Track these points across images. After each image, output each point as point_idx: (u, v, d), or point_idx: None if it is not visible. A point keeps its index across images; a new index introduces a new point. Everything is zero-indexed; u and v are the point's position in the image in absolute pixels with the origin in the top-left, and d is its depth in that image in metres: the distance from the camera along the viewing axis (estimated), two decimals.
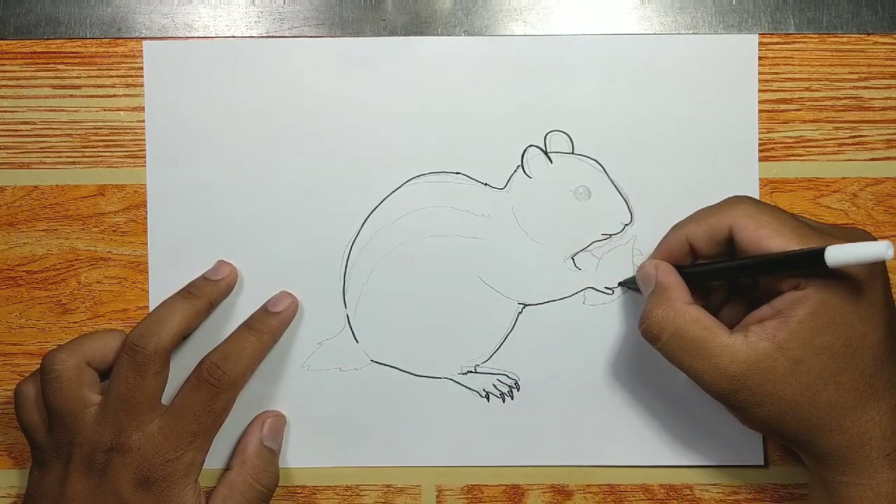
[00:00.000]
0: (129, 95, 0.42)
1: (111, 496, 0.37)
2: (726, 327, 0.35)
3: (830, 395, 0.34)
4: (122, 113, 0.42)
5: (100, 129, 0.42)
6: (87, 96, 0.42)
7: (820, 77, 0.42)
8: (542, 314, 0.42)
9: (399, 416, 0.42)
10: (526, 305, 0.42)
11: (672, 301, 0.36)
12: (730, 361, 0.34)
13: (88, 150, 0.42)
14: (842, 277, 0.33)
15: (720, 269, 0.37)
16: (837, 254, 0.31)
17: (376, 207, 0.42)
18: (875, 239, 0.36)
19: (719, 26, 0.42)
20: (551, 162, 0.42)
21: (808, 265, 0.33)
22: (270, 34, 0.42)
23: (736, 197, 0.37)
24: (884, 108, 0.42)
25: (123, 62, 0.42)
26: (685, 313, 0.35)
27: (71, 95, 0.42)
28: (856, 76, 0.42)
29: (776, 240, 0.34)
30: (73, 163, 0.42)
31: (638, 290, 0.40)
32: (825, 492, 0.36)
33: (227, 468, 0.41)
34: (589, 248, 0.42)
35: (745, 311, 0.36)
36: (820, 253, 0.31)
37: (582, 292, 0.42)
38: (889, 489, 0.34)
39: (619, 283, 0.42)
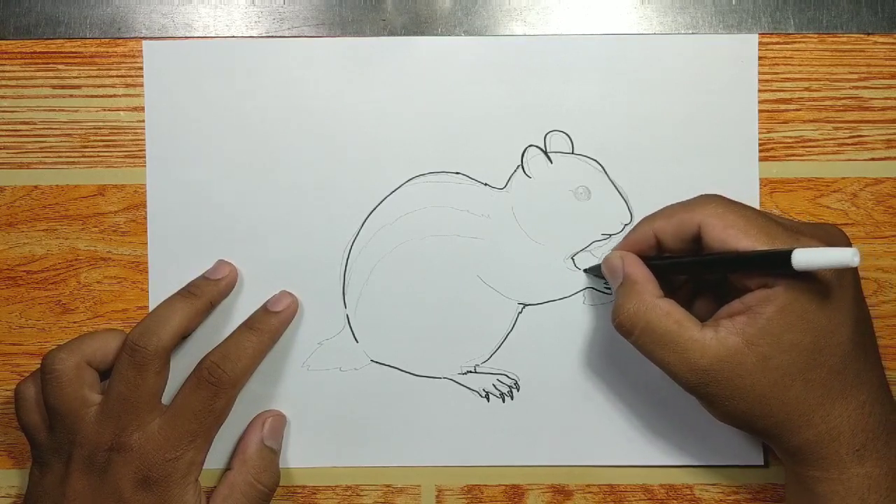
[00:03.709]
0: (129, 95, 0.42)
1: (112, 496, 0.37)
2: (697, 321, 0.35)
3: (799, 391, 0.34)
4: (122, 113, 0.42)
5: (100, 129, 0.42)
6: (87, 96, 0.42)
7: (820, 77, 0.42)
8: (542, 314, 0.42)
9: (399, 416, 0.42)
10: (526, 305, 0.42)
11: (642, 295, 0.36)
12: (700, 355, 0.34)
13: (88, 150, 0.42)
14: (811, 276, 0.33)
15: (687, 264, 0.37)
16: (804, 257, 0.31)
17: (376, 207, 0.42)
18: (847, 239, 0.37)
19: (719, 26, 0.42)
20: (551, 162, 0.42)
21: (775, 266, 0.33)
22: (270, 34, 0.42)
23: (706, 195, 0.37)
24: (884, 108, 0.42)
25: (123, 62, 0.42)
26: (656, 307, 0.36)
27: (71, 95, 0.42)
28: (856, 76, 0.42)
29: (743, 240, 0.34)
30: (73, 163, 0.42)
31: (601, 276, 0.40)
32: (799, 487, 0.36)
33: (228, 468, 0.41)
34: (589, 248, 0.42)
35: (716, 305, 0.37)
36: (787, 255, 0.31)
37: (582, 292, 0.42)
38: (858, 483, 0.34)
39: (585, 270, 0.42)
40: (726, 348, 0.34)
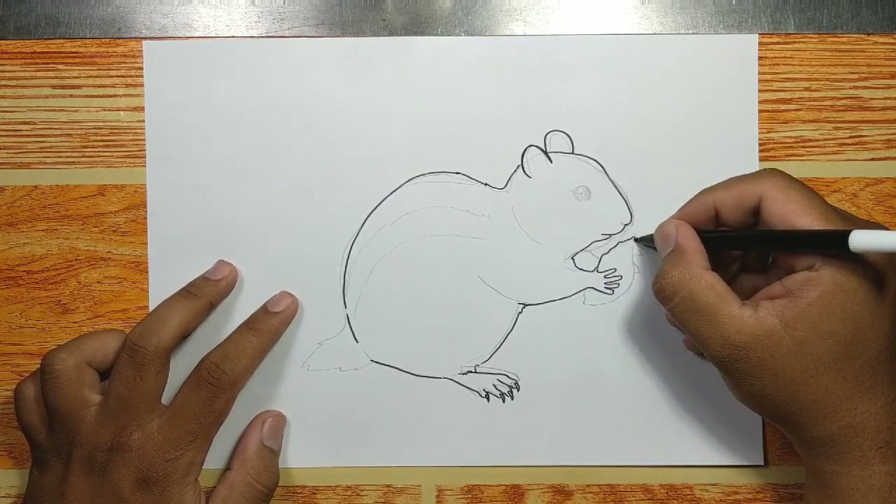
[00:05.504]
0: (129, 95, 0.42)
1: (111, 496, 0.37)
2: (738, 298, 0.35)
3: (829, 381, 0.34)
4: (122, 113, 0.42)
5: (100, 129, 0.42)
6: (87, 96, 0.42)
7: (820, 77, 0.42)
8: (542, 314, 0.42)
9: (399, 416, 0.42)
10: (526, 305, 0.42)
11: (689, 264, 0.36)
12: (736, 331, 0.34)
13: (88, 150, 0.42)
14: (858, 266, 0.33)
15: (741, 238, 0.37)
16: (862, 239, 0.31)
17: (376, 207, 0.42)
18: None
19: (719, 26, 0.42)
20: (551, 162, 0.42)
21: (831, 246, 0.33)
22: (270, 34, 0.42)
23: (771, 168, 0.37)
24: (884, 108, 0.42)
25: (123, 62, 0.42)
26: (701, 278, 0.35)
27: (71, 95, 0.42)
28: (856, 76, 0.42)
29: (803, 217, 0.34)
30: (73, 163, 0.42)
31: (652, 247, 0.40)
32: (818, 483, 0.36)
33: (228, 468, 0.41)
34: (589, 248, 0.42)
35: (760, 284, 0.37)
36: (845, 235, 0.31)
37: (582, 292, 0.42)
38: (880, 481, 0.34)
39: (635, 240, 0.41)
40: (763, 328, 0.34)
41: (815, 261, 0.34)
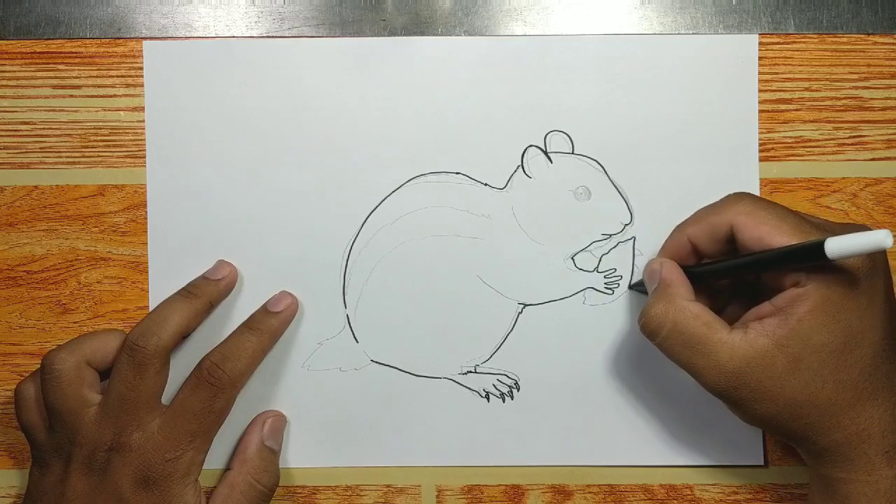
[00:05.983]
0: (129, 95, 0.42)
1: (111, 496, 0.37)
2: (727, 324, 0.35)
3: (829, 393, 0.34)
4: (122, 113, 0.42)
5: (100, 129, 0.42)
6: (87, 96, 0.42)
7: (820, 77, 0.42)
8: (542, 314, 0.42)
9: (399, 416, 0.42)
10: (526, 305, 0.42)
11: (673, 297, 0.36)
12: (728, 358, 0.34)
13: (88, 150, 0.42)
14: (842, 274, 0.33)
15: (723, 268, 0.37)
16: (837, 245, 0.31)
17: (376, 207, 0.42)
18: None
19: (719, 26, 0.42)
20: (551, 162, 0.42)
21: (808, 258, 0.32)
22: (270, 34, 0.42)
23: (735, 194, 0.37)
24: (884, 108, 0.42)
25: (123, 62, 0.42)
26: (685, 309, 0.35)
27: (71, 95, 0.42)
28: (856, 76, 0.42)
29: (777, 236, 0.34)
30: (73, 163, 0.42)
31: (646, 292, 0.40)
32: (824, 489, 0.36)
33: (228, 468, 0.41)
34: (589, 248, 0.42)
35: (749, 309, 0.36)
36: (819, 245, 0.31)
37: (582, 292, 0.42)
38: (887, 486, 0.34)
39: (630, 286, 0.42)
40: (755, 350, 0.34)
41: (799, 277, 0.34)
